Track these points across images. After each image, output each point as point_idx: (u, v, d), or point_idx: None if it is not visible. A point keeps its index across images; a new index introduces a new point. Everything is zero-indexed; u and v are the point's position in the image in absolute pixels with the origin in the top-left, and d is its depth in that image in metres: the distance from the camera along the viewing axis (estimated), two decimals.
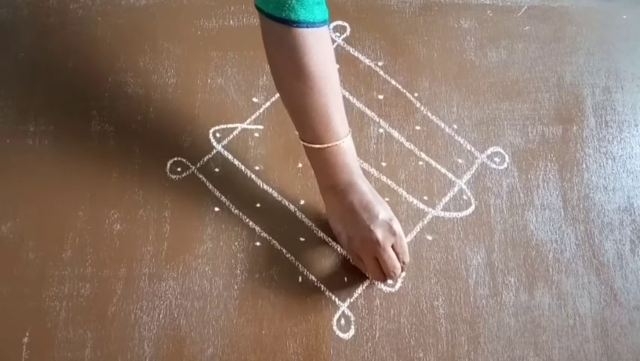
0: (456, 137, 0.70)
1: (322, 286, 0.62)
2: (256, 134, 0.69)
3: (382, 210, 0.57)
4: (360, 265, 0.61)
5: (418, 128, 0.70)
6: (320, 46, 0.53)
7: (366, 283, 0.62)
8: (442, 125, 0.71)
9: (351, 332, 0.60)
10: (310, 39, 0.51)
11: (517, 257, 0.64)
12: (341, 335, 0.60)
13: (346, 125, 0.57)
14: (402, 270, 0.59)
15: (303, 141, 0.57)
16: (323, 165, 0.57)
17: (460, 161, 0.69)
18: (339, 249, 0.64)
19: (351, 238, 0.58)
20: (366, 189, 0.58)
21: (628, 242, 0.65)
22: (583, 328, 0.61)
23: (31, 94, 0.70)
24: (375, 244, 0.56)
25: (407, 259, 0.59)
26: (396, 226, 0.57)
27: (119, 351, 0.58)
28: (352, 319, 0.60)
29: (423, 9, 0.77)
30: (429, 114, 0.71)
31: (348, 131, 0.57)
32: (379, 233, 0.56)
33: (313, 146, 0.56)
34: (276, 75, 0.56)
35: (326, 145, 0.55)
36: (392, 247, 0.57)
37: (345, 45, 0.75)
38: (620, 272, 0.64)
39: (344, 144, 0.56)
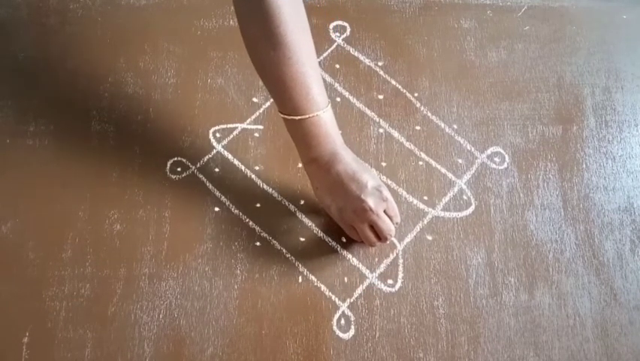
0: (456, 137, 0.70)
1: (322, 286, 0.62)
2: (256, 135, 0.69)
3: (370, 178, 0.57)
4: (353, 234, 0.61)
5: (418, 128, 0.70)
6: (295, 15, 0.53)
7: (366, 283, 0.62)
8: (442, 125, 0.71)
9: (351, 332, 0.60)
10: (285, 8, 0.51)
11: (517, 257, 0.64)
12: (341, 335, 0.60)
13: (325, 95, 0.57)
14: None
15: (282, 113, 0.56)
16: (305, 136, 0.57)
17: (460, 161, 0.69)
18: (339, 249, 0.64)
19: (342, 208, 0.59)
20: (350, 159, 0.58)
21: (628, 242, 0.65)
22: (583, 328, 0.61)
23: (31, 94, 0.70)
24: (369, 212, 0.57)
25: (399, 220, 0.61)
26: (386, 192, 0.58)
27: (119, 351, 0.58)
28: (352, 319, 0.60)
29: (423, 9, 0.78)
30: (429, 114, 0.71)
31: (328, 102, 0.57)
32: (371, 201, 0.56)
33: (294, 118, 0.55)
34: (251, 47, 0.56)
35: (307, 116, 0.55)
36: (384, 212, 0.58)
37: (345, 45, 0.75)
38: (620, 272, 0.64)
39: (325, 115, 0.56)
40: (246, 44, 0.56)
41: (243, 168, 0.67)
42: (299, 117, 0.55)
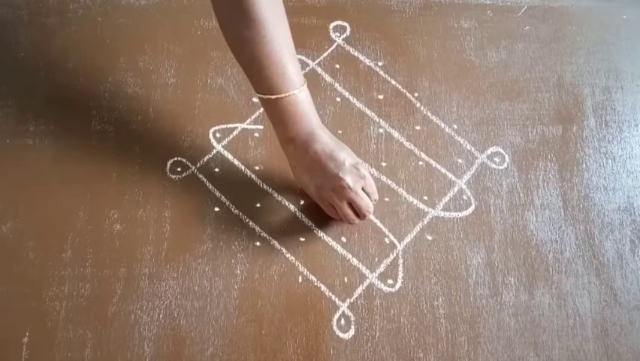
0: (456, 137, 0.70)
1: (322, 286, 0.62)
2: (256, 135, 0.69)
3: (347, 157, 0.58)
4: (331, 212, 0.62)
5: (418, 128, 0.70)
6: None
7: (366, 283, 0.62)
8: (442, 125, 0.71)
9: (351, 332, 0.60)
10: None
11: (517, 257, 0.64)
12: (341, 335, 0.60)
13: (301, 74, 0.57)
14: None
15: (258, 93, 0.57)
16: (281, 116, 0.57)
17: (460, 161, 0.69)
18: (339, 249, 0.64)
19: (321, 187, 0.59)
20: (327, 138, 0.58)
21: (628, 242, 0.65)
22: (583, 328, 0.61)
23: (31, 94, 0.70)
24: (347, 189, 0.57)
25: (377, 196, 0.61)
26: (363, 169, 0.58)
27: (119, 351, 0.58)
28: (352, 319, 0.60)
29: (423, 9, 0.78)
30: (429, 114, 0.71)
31: (304, 81, 0.57)
32: (349, 179, 0.57)
33: (270, 97, 0.56)
34: (225, 26, 0.56)
35: (283, 95, 0.55)
36: (362, 189, 0.59)
37: (345, 45, 0.75)
38: (620, 272, 0.64)
39: (301, 94, 0.56)
40: (220, 23, 0.56)
41: (243, 168, 0.67)
42: (275, 96, 0.55)
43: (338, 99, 0.71)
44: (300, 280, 0.62)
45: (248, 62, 0.56)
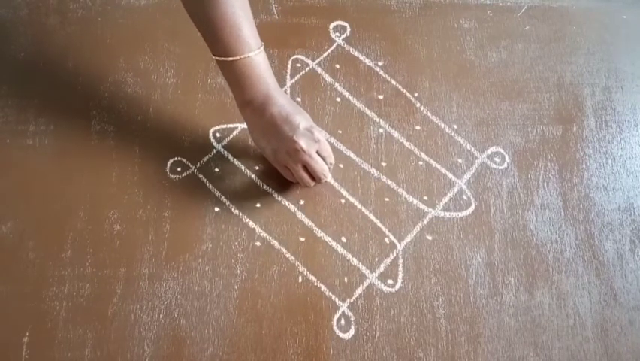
0: (456, 137, 0.70)
1: (322, 286, 0.62)
2: None
3: (303, 120, 0.59)
4: (288, 176, 0.63)
5: (418, 128, 0.70)
6: None
7: (366, 283, 0.62)
8: (442, 125, 0.71)
9: (351, 332, 0.60)
10: None
11: (517, 257, 0.64)
12: (341, 335, 0.60)
13: (258, 38, 0.57)
14: (329, 171, 0.62)
15: (215, 56, 0.57)
16: (237, 78, 0.57)
17: (460, 161, 0.69)
18: (339, 249, 0.64)
19: (276, 150, 0.60)
20: (284, 101, 0.59)
21: (628, 242, 0.65)
22: (583, 328, 0.61)
23: (31, 94, 0.70)
24: (301, 152, 0.58)
25: (332, 160, 0.62)
26: (318, 133, 0.59)
27: (119, 351, 0.58)
28: (352, 319, 0.60)
29: (423, 9, 0.78)
30: (429, 114, 0.71)
31: (261, 44, 0.57)
32: (303, 142, 0.58)
33: (225, 59, 0.56)
34: None
35: (238, 57, 0.56)
36: (317, 152, 0.59)
37: (345, 45, 0.75)
38: (620, 272, 0.64)
39: (257, 57, 0.57)
40: None
41: (242, 168, 0.67)
42: (230, 58, 0.56)
43: (338, 99, 0.71)
44: (300, 280, 0.62)
45: (203, 24, 0.56)
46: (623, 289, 0.63)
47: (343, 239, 0.64)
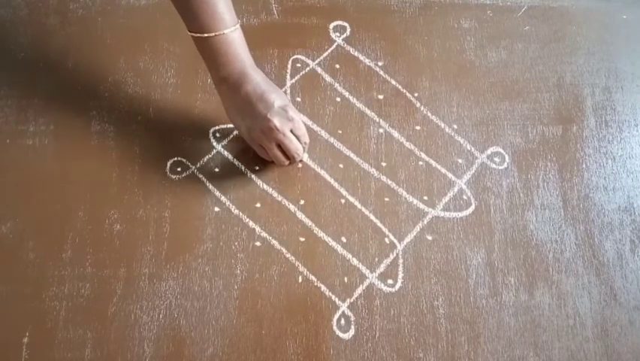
0: (456, 137, 0.70)
1: (322, 286, 0.62)
2: None
3: (277, 98, 0.59)
4: (263, 154, 0.63)
5: (418, 128, 0.70)
6: None
7: (366, 283, 0.62)
8: (442, 125, 0.71)
9: (351, 332, 0.60)
10: None
11: (517, 257, 0.64)
12: (341, 335, 0.60)
13: (234, 15, 0.58)
14: (304, 151, 0.63)
15: (191, 32, 0.57)
16: (213, 55, 0.58)
17: (460, 161, 0.69)
18: (339, 249, 0.64)
19: (251, 128, 0.60)
20: (259, 79, 0.59)
21: (628, 242, 0.65)
22: (583, 328, 0.61)
23: (31, 94, 0.70)
24: (275, 131, 0.58)
25: (307, 139, 0.62)
26: (292, 112, 0.59)
27: (119, 351, 0.58)
28: (352, 319, 0.60)
29: (423, 9, 0.78)
30: (429, 114, 0.71)
31: (237, 21, 0.58)
32: (277, 120, 0.58)
33: (201, 35, 0.56)
34: None
35: (213, 34, 0.56)
36: (291, 131, 0.60)
37: (345, 45, 0.75)
38: (620, 272, 0.64)
39: (233, 34, 0.57)
40: None
41: (242, 168, 0.67)
42: (206, 35, 0.56)
43: (338, 99, 0.71)
44: (300, 280, 0.62)
45: (179, 0, 0.56)
46: (623, 289, 0.63)
47: (343, 239, 0.64)
